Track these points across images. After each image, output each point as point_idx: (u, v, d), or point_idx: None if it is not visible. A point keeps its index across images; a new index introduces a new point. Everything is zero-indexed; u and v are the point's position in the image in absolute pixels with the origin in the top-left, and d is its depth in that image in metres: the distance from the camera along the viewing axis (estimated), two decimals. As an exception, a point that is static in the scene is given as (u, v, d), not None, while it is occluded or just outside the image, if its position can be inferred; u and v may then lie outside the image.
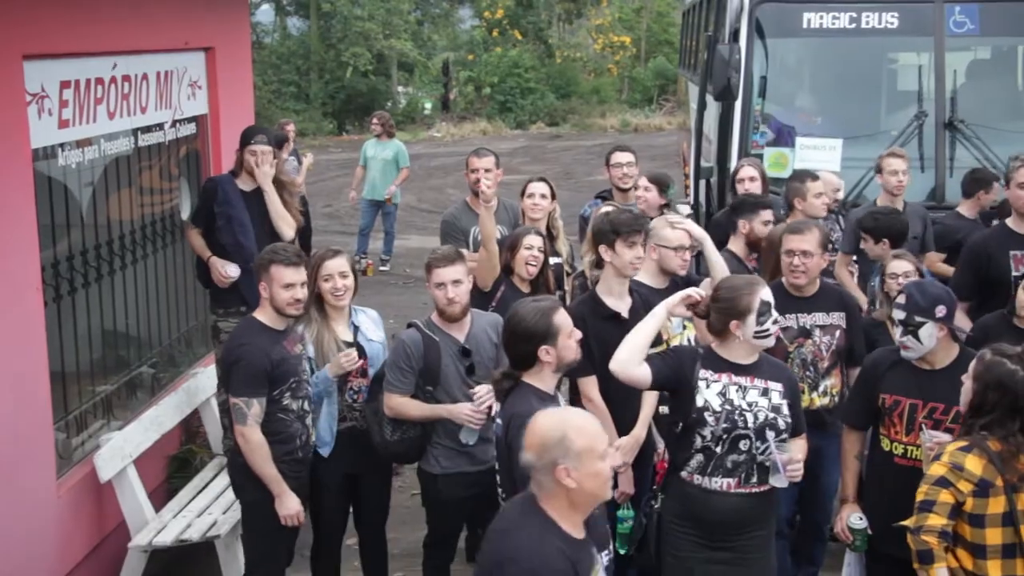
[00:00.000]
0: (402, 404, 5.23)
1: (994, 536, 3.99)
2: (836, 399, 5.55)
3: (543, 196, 6.74)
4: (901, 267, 5.73)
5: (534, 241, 5.91)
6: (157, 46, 7.01)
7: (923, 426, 4.57)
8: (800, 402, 4.74)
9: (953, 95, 8.69)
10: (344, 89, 29.79)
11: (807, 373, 5.52)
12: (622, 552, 4.88)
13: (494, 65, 31.97)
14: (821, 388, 5.53)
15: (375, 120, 14.04)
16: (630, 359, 4.47)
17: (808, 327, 5.52)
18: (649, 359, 4.51)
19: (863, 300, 6.37)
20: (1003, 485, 3.97)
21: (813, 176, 6.97)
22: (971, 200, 7.38)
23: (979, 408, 4.08)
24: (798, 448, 4.62)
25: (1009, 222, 6.36)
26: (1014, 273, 5.86)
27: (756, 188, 7.22)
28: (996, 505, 3.98)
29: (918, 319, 4.61)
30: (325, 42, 30.08)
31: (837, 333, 5.55)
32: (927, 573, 4.02)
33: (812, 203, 6.77)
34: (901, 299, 4.71)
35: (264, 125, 17.73)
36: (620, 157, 7.65)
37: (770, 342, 4.58)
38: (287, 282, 5.11)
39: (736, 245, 6.40)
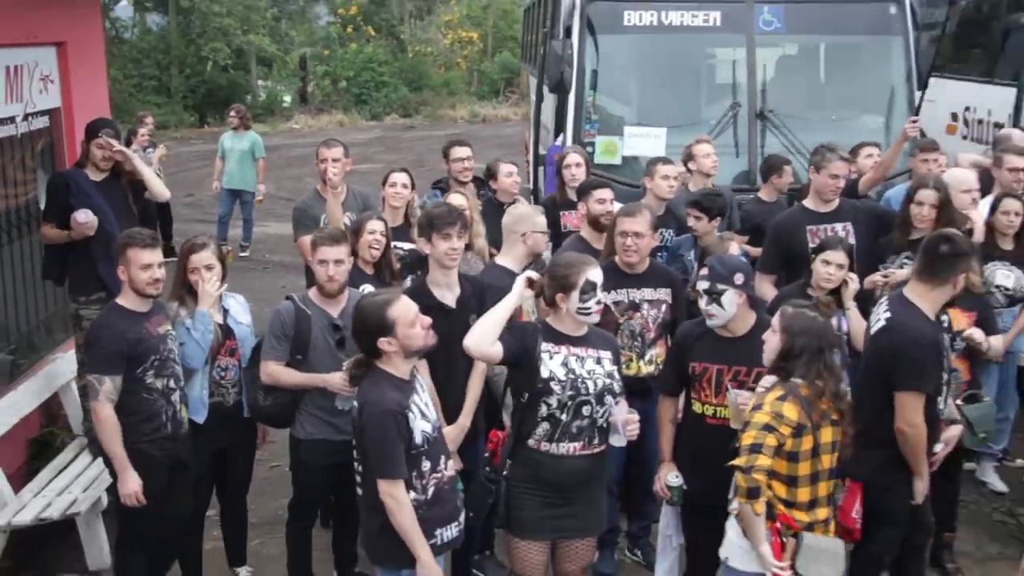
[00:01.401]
0: (277, 371, 5.26)
1: (804, 468, 4.29)
2: (661, 367, 5.66)
3: (404, 185, 6.73)
4: (735, 250, 5.92)
5: (376, 226, 5.89)
6: (4, 40, 6.73)
7: (728, 387, 4.75)
8: (621, 368, 4.88)
9: (763, 88, 9.01)
10: (205, 83, 29.11)
11: (635, 343, 5.67)
12: (471, 515, 4.95)
13: (350, 60, 31.66)
14: (647, 357, 5.67)
15: (232, 113, 13.79)
16: (484, 338, 4.51)
17: (637, 301, 5.67)
18: (499, 337, 4.54)
19: None
20: (812, 425, 4.26)
21: (666, 160, 7.09)
22: (767, 185, 7.65)
23: (788, 354, 4.33)
24: (624, 408, 4.75)
25: (806, 202, 6.64)
26: (811, 246, 6.12)
27: (581, 173, 7.32)
28: (807, 443, 4.27)
29: (720, 287, 4.77)
30: (185, 37, 29.32)
31: (663, 307, 5.71)
32: (753, 506, 4.23)
33: (658, 183, 6.85)
34: (704, 271, 4.87)
35: (125, 118, 17.22)
36: (461, 152, 7.55)
37: (591, 319, 4.67)
38: (144, 263, 5.06)
39: (585, 230, 6.41)
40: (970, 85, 12.00)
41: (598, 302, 4.63)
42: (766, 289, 6.37)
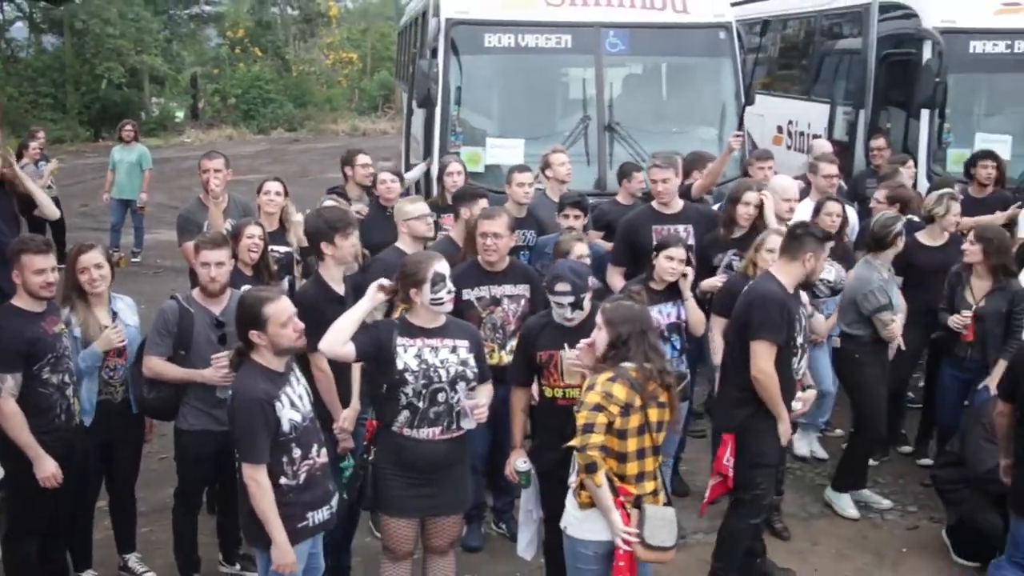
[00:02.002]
0: (159, 365, 5.11)
1: (632, 444, 4.27)
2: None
3: (277, 193, 6.63)
4: (582, 249, 5.85)
5: (254, 231, 5.80)
6: None
7: (565, 348, 4.73)
8: (484, 354, 4.82)
9: (610, 103, 9.04)
10: (99, 100, 27.98)
11: (497, 335, 5.63)
12: (346, 498, 4.84)
13: (238, 78, 31.07)
14: (508, 347, 5.61)
15: (128, 127, 13.34)
16: (336, 340, 4.43)
17: (498, 297, 5.64)
18: (353, 336, 4.45)
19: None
20: (639, 405, 4.24)
21: (523, 168, 7.05)
22: (622, 189, 7.71)
23: (616, 341, 4.31)
24: (484, 392, 4.72)
25: (654, 203, 6.71)
26: (654, 243, 6.17)
27: (461, 180, 7.35)
28: (634, 421, 4.25)
29: (582, 296, 4.78)
30: (80, 57, 28.12)
31: (522, 302, 5.69)
32: (593, 479, 4.22)
33: (515, 190, 6.84)
34: (565, 287, 4.76)
35: (20, 133, 16.44)
36: (365, 159, 7.59)
37: (445, 308, 4.61)
38: (38, 268, 4.82)
39: (456, 231, 6.35)
40: (793, 102, 12.43)
41: (449, 291, 4.57)
42: (616, 280, 6.42)
